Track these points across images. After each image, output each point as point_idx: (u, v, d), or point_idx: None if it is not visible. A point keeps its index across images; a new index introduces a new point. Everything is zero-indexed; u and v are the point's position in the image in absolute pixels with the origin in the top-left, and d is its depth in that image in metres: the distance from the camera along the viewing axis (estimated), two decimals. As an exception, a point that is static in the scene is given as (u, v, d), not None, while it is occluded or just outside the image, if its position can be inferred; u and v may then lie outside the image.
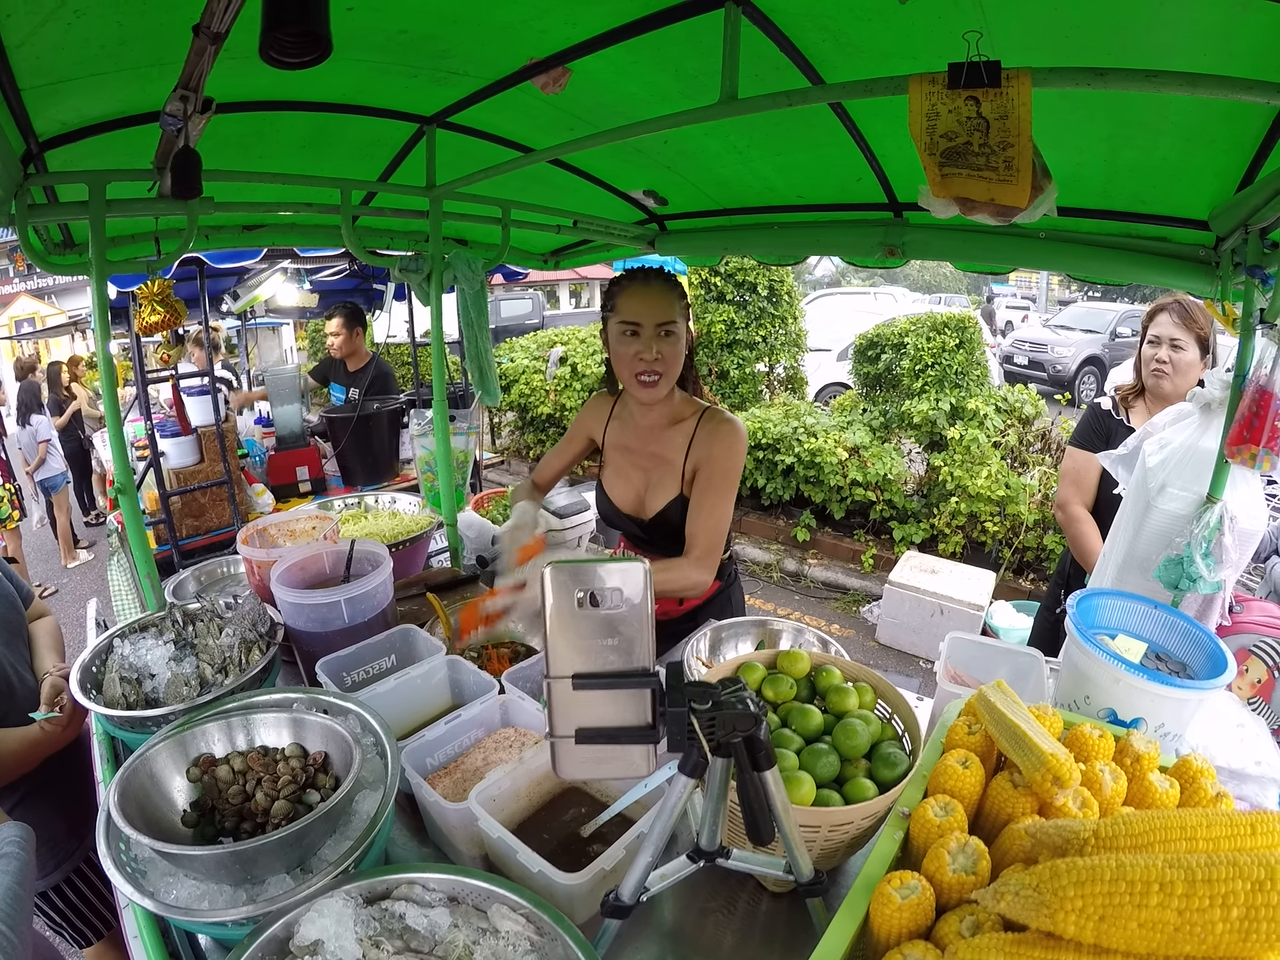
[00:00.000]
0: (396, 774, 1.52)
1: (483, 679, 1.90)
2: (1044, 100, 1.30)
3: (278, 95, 2.06)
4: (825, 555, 7.58)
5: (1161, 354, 2.91)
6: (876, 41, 1.65)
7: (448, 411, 3.01)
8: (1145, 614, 1.82)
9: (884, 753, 1.48)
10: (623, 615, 1.01)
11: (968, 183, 1.34)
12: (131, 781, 1.50)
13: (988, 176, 1.30)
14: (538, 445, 10.78)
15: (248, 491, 4.71)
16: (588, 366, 9.98)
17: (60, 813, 2.30)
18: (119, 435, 2.24)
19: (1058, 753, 1.14)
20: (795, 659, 1.71)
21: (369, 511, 3.33)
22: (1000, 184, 1.31)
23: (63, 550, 8.65)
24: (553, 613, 1.01)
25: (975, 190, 1.35)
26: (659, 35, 1.69)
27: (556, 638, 1.02)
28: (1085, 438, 3.15)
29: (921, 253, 2.64)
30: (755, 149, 2.39)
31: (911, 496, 7.30)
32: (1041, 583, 6.48)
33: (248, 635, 2.01)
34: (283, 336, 14.29)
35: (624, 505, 2.49)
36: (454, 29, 1.74)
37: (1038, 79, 1.21)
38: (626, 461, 2.49)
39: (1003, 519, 6.53)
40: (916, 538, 7.01)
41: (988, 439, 6.73)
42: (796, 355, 9.47)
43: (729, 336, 8.98)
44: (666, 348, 2.19)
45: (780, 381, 9.68)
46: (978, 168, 1.30)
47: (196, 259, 4.18)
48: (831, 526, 7.73)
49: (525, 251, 4.09)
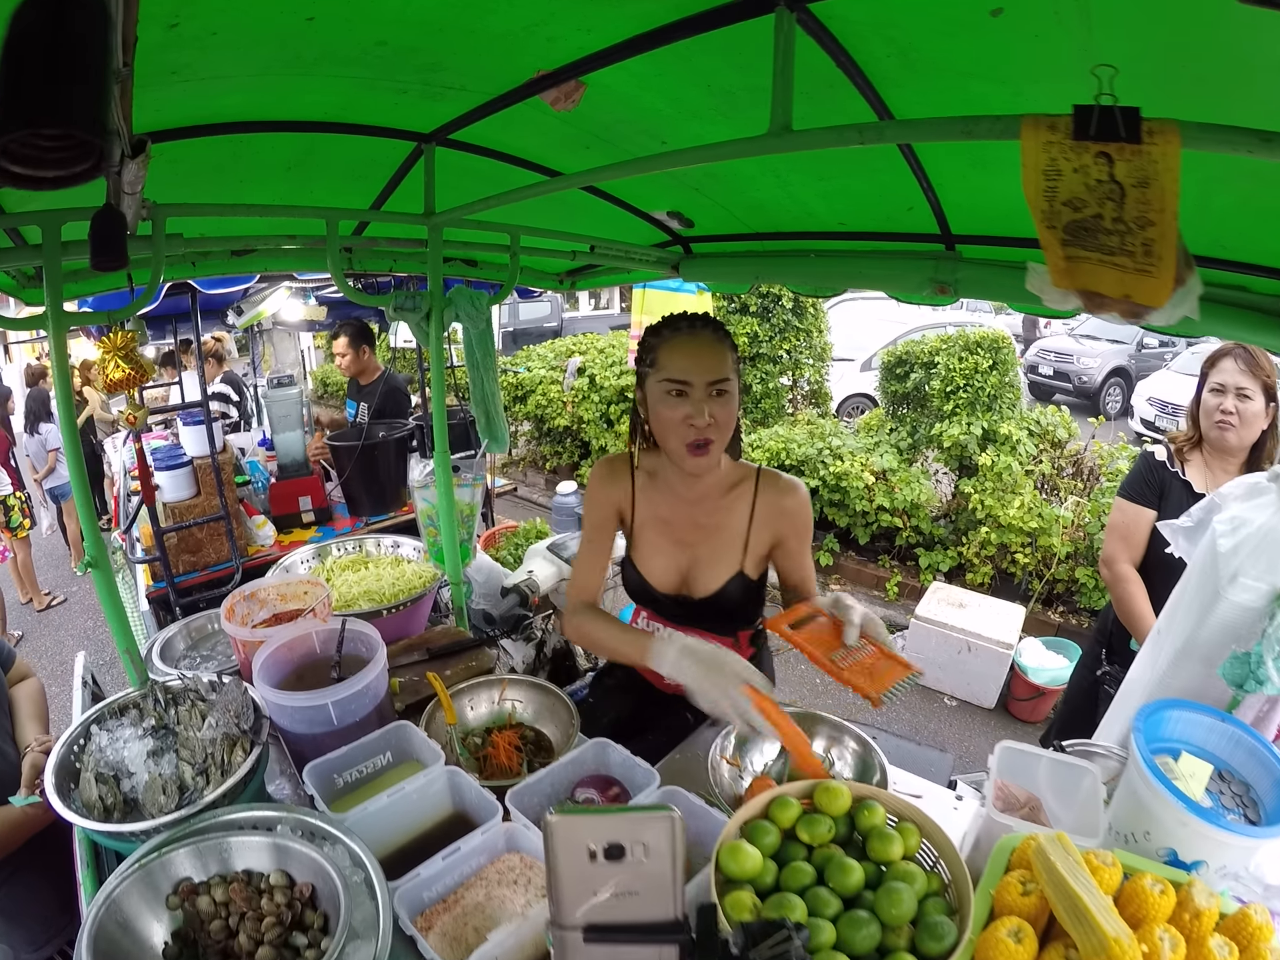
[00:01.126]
0: (389, 925, 1.36)
1: (485, 798, 1.69)
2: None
3: (252, 115, 1.82)
4: (848, 581, 7.33)
5: (1227, 404, 2.67)
6: (953, 59, 1.38)
7: (450, 462, 2.77)
8: (1211, 726, 1.69)
9: (930, 922, 1.27)
10: (650, 867, 0.79)
11: (1098, 271, 1.00)
12: (103, 926, 1.40)
13: (1122, 264, 0.97)
14: (554, 457, 10.61)
15: (247, 524, 4.49)
16: (606, 378, 9.71)
17: (50, 888, 2.17)
18: (89, 510, 2.00)
19: (1121, 937, 1.07)
20: (835, 795, 1.48)
21: (369, 559, 3.11)
22: (1136, 275, 0.97)
23: (73, 557, 8.66)
24: (559, 862, 0.78)
25: (1107, 282, 1.00)
26: (688, 45, 1.43)
27: (565, 885, 0.80)
28: (1137, 490, 2.91)
29: (975, 291, 2.33)
30: (796, 173, 2.12)
31: (938, 521, 7.05)
32: (1071, 616, 6.25)
33: (231, 730, 1.82)
34: (299, 338, 14.06)
35: (664, 585, 2.18)
36: (441, 39, 1.49)
37: (1187, 137, 0.90)
38: (665, 537, 2.18)
39: (1034, 550, 6.26)
40: (943, 566, 6.75)
41: (1020, 466, 6.47)
42: (821, 369, 9.22)
43: (752, 350, 8.74)
44: (720, 410, 1.89)
45: (804, 396, 9.43)
46: (1110, 251, 0.97)
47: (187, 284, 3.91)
48: (855, 551, 7.48)
49: (539, 272, 3.83)
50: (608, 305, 24.89)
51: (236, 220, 2.46)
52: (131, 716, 1.93)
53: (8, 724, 2.23)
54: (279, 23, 1.34)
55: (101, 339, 2.07)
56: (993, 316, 17.95)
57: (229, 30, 1.32)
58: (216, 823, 1.58)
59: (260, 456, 5.29)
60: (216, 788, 1.67)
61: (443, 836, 1.67)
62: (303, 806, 1.65)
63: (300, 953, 1.40)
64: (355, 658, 2.10)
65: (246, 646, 2.19)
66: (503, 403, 2.96)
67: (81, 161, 0.84)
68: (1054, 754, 1.73)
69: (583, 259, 3.24)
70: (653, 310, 6.45)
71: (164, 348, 7.82)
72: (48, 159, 0.83)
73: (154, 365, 2.18)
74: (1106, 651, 3.07)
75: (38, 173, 0.84)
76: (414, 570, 2.97)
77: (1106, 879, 1.24)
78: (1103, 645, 3.11)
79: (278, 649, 2.07)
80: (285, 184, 2.33)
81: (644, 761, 1.81)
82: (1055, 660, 5.38)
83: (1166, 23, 1.09)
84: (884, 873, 1.39)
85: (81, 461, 2.00)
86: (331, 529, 4.90)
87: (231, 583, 4.06)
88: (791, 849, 1.43)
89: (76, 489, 1.97)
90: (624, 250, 3.09)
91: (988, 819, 1.59)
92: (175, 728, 1.89)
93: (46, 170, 0.84)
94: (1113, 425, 7.89)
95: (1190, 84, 1.22)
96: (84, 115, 0.79)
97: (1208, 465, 2.79)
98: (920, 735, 5.23)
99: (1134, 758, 1.50)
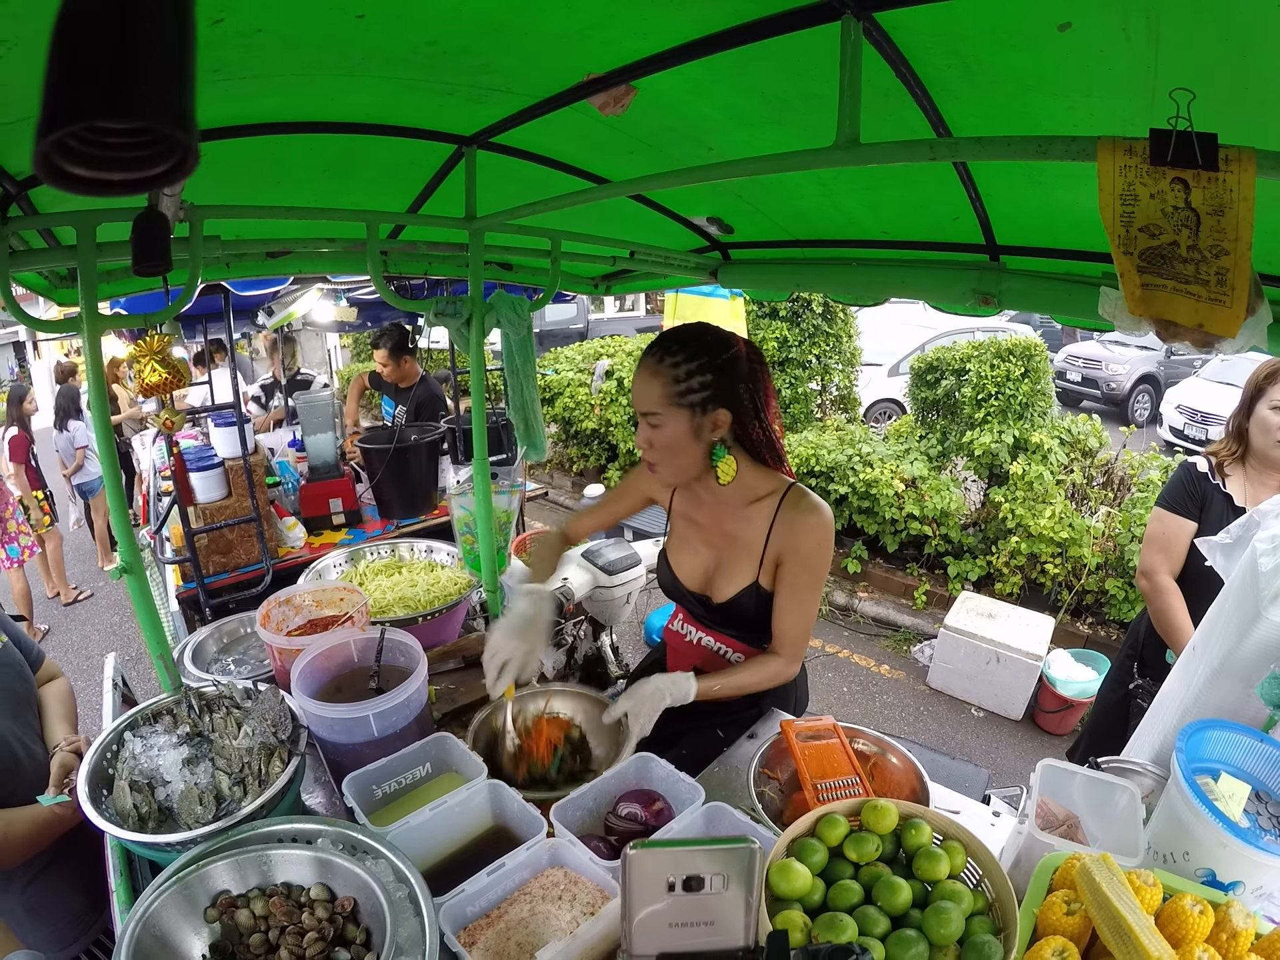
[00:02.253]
0: (436, 942, 1.34)
1: (528, 811, 1.67)
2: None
3: (292, 116, 1.80)
4: (876, 589, 7.28)
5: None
6: (1015, 73, 1.34)
7: (489, 469, 2.75)
8: (1250, 747, 1.69)
9: (977, 941, 1.27)
10: (726, 897, 0.77)
11: (1173, 299, 1.00)
12: (140, 941, 1.34)
13: (1196, 293, 0.97)
14: (581, 460, 10.58)
15: (278, 525, 4.49)
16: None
17: (78, 887, 2.17)
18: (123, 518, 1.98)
19: (1164, 956, 1.12)
20: (882, 814, 1.48)
21: (403, 564, 3.10)
22: (1209, 304, 0.96)
23: (100, 553, 8.78)
24: (636, 893, 0.76)
25: (1181, 310, 1.00)
26: (743, 51, 1.40)
27: (640, 915, 0.78)
28: (1178, 501, 2.85)
29: (1019, 303, 2.28)
30: (842, 181, 2.08)
31: (968, 530, 6.98)
32: (1100, 627, 6.18)
33: (268, 739, 1.80)
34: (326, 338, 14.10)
35: (690, 582, 2.23)
36: (494, 40, 1.45)
37: (1264, 166, 0.89)
38: (695, 535, 2.23)
39: (1064, 561, 6.19)
40: (972, 575, 6.68)
41: (1051, 475, 6.40)
42: (850, 375, 9.17)
43: (781, 355, 8.71)
44: (655, 436, 1.98)
45: (833, 401, 9.37)
46: (1185, 279, 0.96)
47: (220, 285, 3.91)
48: (883, 559, 7.43)
49: (575, 276, 3.79)
50: (633, 307, 24.89)
51: (274, 222, 2.44)
52: (165, 723, 1.90)
53: (36, 724, 2.22)
54: (327, 20, 1.30)
55: (138, 341, 2.05)
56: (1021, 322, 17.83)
57: (275, 27, 1.29)
58: (255, 834, 1.56)
59: (290, 457, 5.30)
60: (255, 799, 1.65)
61: (483, 850, 1.67)
62: (341, 819, 1.62)
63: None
64: (394, 667, 2.09)
65: (283, 654, 2.18)
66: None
67: (161, 161, 0.67)
68: (1091, 771, 1.73)
69: (621, 264, 3.21)
70: (685, 315, 6.41)
71: (194, 347, 7.86)
72: (114, 159, 0.66)
73: (189, 369, 2.16)
74: (1139, 665, 3.01)
75: (102, 175, 0.68)
76: (449, 576, 2.95)
77: (1148, 899, 1.25)
78: (1134, 659, 3.06)
79: (315, 658, 2.05)
80: (322, 186, 2.32)
81: (688, 776, 1.80)
82: (1084, 672, 5.33)
83: (1234, 44, 1.06)
84: (930, 891, 1.39)
85: (117, 469, 1.98)
86: (362, 531, 4.89)
87: (261, 584, 4.06)
88: (839, 867, 1.43)
89: (111, 497, 1.96)
90: (663, 256, 3.06)
91: (1029, 837, 1.59)
92: (210, 735, 1.87)
93: (113, 172, 0.68)
94: (1143, 433, 7.83)
95: (1255, 108, 1.19)
96: (163, 105, 0.62)
97: (1248, 479, 2.75)
98: (947, 746, 5.20)
99: (1176, 778, 1.50)
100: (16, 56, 1.17)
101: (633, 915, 0.80)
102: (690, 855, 0.79)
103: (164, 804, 1.71)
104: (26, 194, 1.74)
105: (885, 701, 5.75)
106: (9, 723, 2.08)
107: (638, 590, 3.45)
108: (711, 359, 1.92)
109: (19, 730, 2.11)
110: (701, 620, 2.29)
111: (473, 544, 2.88)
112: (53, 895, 2.14)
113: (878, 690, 5.91)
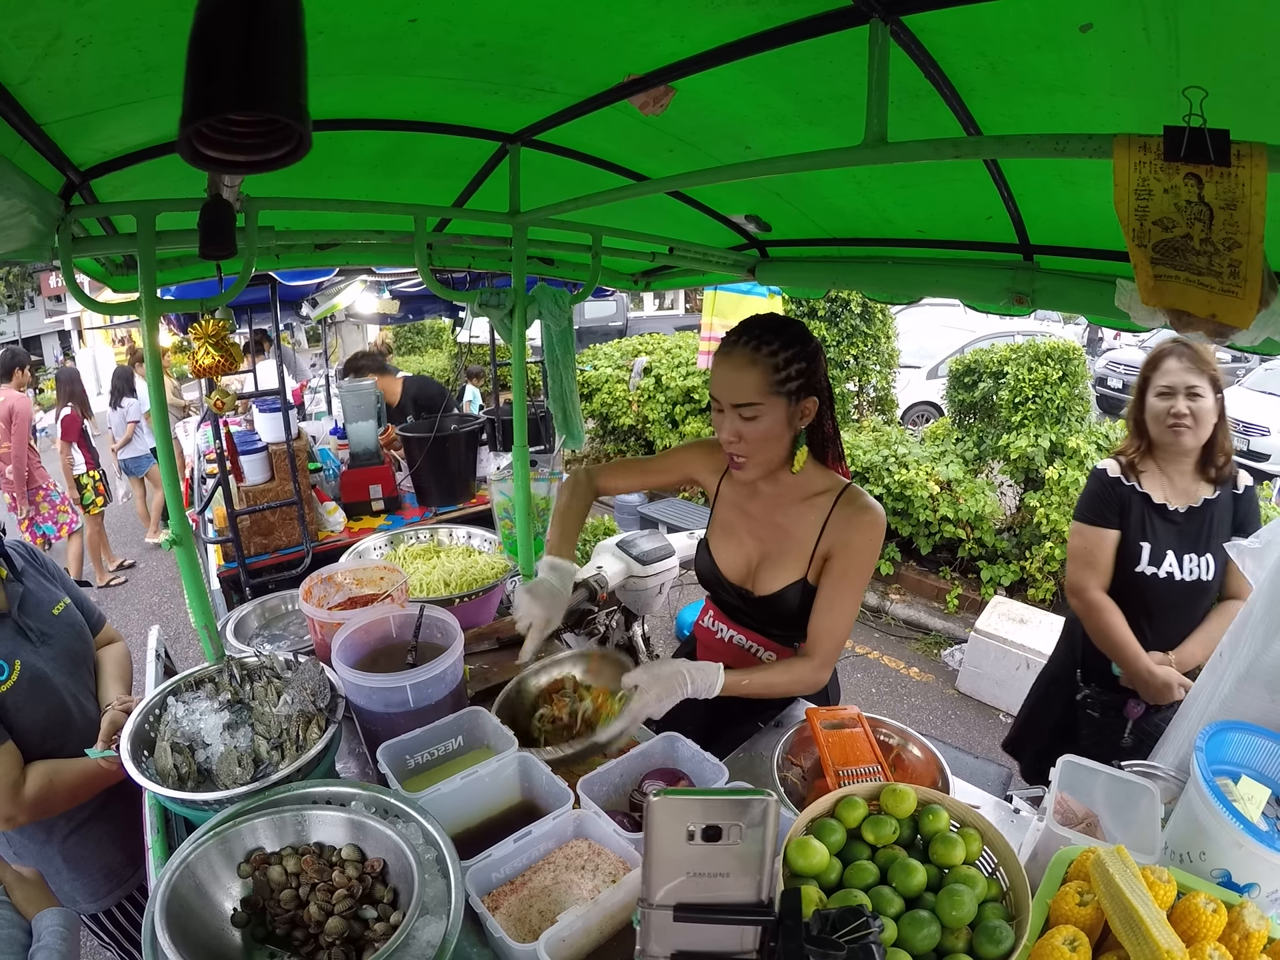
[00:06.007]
0: (461, 902, 1.39)
1: (556, 784, 1.72)
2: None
3: (345, 114, 1.88)
4: (908, 591, 7.26)
5: (1179, 406, 2.56)
6: (1040, 73, 1.39)
7: (529, 457, 2.81)
8: (1272, 751, 1.68)
9: (988, 925, 1.29)
10: (742, 849, 0.82)
11: (1186, 290, 1.03)
12: (177, 888, 1.40)
13: (1209, 284, 1.00)
14: (618, 455, 10.61)
15: (318, 510, 4.59)
16: (672, 379, 9.71)
17: (116, 841, 2.27)
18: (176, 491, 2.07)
19: (1175, 950, 1.11)
20: (901, 798, 1.51)
21: (441, 549, 3.16)
22: (1222, 295, 1.00)
23: (151, 528, 9.14)
24: (657, 843, 0.81)
25: (1194, 301, 1.03)
26: (779, 53, 1.45)
27: (660, 863, 0.83)
28: (1095, 511, 2.77)
29: (1052, 302, 2.30)
30: (877, 180, 2.12)
31: (1002, 534, 6.93)
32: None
33: (307, 707, 1.86)
34: (367, 330, 14.24)
35: (731, 573, 2.21)
36: (539, 41, 1.51)
37: (1275, 161, 0.93)
38: (741, 525, 2.21)
39: (1099, 568, 6.09)
40: (1005, 580, 6.63)
41: (1088, 481, 6.30)
42: (888, 376, 9.11)
43: (819, 355, 8.65)
44: (747, 429, 1.93)
45: (870, 402, 9.33)
46: (1198, 271, 1.00)
47: (267, 275, 4.04)
48: (916, 561, 7.40)
49: (614, 272, 3.83)
50: (672, 305, 24.90)
51: (325, 215, 2.52)
52: (208, 690, 1.98)
53: (92, 683, 2.30)
54: (382, 24, 1.38)
55: (193, 324, 2.14)
56: (1061, 326, 17.60)
57: (334, 30, 1.36)
58: (290, 795, 1.62)
59: (331, 445, 5.41)
60: (292, 762, 1.71)
61: (510, 823, 1.71)
62: (375, 784, 1.69)
63: (369, 925, 1.42)
64: (430, 644, 2.14)
65: (324, 628, 2.24)
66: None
67: (279, 147, 0.87)
68: (1114, 771, 1.74)
69: (660, 260, 3.26)
70: (723, 313, 6.45)
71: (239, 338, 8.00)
72: (240, 144, 0.85)
73: (242, 353, 2.24)
74: (1081, 671, 2.91)
75: (230, 156, 0.86)
76: (485, 561, 3.01)
77: (1161, 895, 1.26)
78: (1075, 667, 2.95)
79: (355, 631, 2.11)
80: (371, 180, 2.38)
81: (712, 756, 1.83)
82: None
83: (1254, 45, 1.09)
84: (945, 876, 1.41)
85: (171, 448, 2.08)
86: (400, 518, 4.99)
87: (301, 566, 4.16)
88: (856, 848, 1.45)
89: (165, 473, 2.05)
90: (701, 252, 3.10)
91: (1047, 831, 1.60)
92: (250, 703, 1.94)
93: (239, 154, 0.86)
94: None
95: (1274, 107, 1.22)
96: (285, 99, 0.80)
97: (1163, 472, 2.70)
98: (974, 750, 5.18)
99: (1195, 778, 1.50)
100: (90, 54, 1.25)
101: (653, 862, 0.85)
102: (710, 804, 0.83)
103: (203, 765, 1.78)
104: (89, 184, 1.82)
105: (913, 704, 5.74)
106: (65, 679, 2.16)
107: (670, 581, 3.50)
108: (804, 346, 1.92)
109: (74, 687, 2.19)
110: (735, 615, 2.28)
111: (511, 529, 2.94)
112: (91, 847, 2.22)
113: (906, 693, 5.90)
